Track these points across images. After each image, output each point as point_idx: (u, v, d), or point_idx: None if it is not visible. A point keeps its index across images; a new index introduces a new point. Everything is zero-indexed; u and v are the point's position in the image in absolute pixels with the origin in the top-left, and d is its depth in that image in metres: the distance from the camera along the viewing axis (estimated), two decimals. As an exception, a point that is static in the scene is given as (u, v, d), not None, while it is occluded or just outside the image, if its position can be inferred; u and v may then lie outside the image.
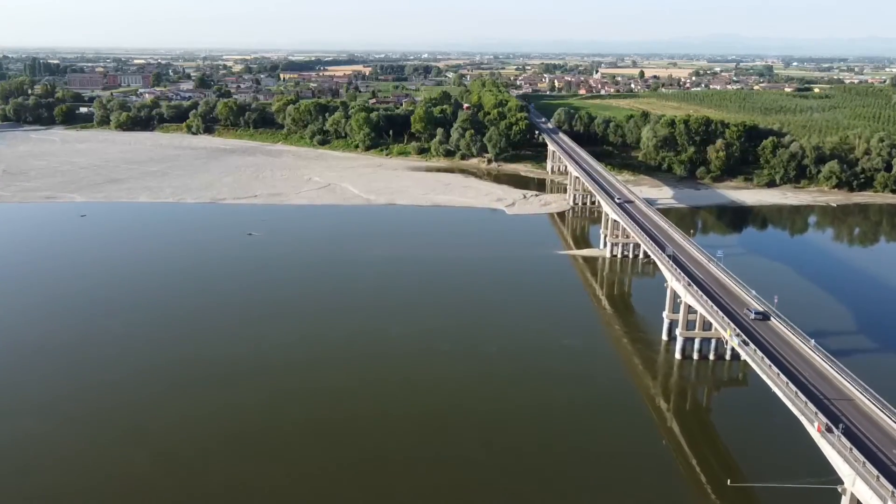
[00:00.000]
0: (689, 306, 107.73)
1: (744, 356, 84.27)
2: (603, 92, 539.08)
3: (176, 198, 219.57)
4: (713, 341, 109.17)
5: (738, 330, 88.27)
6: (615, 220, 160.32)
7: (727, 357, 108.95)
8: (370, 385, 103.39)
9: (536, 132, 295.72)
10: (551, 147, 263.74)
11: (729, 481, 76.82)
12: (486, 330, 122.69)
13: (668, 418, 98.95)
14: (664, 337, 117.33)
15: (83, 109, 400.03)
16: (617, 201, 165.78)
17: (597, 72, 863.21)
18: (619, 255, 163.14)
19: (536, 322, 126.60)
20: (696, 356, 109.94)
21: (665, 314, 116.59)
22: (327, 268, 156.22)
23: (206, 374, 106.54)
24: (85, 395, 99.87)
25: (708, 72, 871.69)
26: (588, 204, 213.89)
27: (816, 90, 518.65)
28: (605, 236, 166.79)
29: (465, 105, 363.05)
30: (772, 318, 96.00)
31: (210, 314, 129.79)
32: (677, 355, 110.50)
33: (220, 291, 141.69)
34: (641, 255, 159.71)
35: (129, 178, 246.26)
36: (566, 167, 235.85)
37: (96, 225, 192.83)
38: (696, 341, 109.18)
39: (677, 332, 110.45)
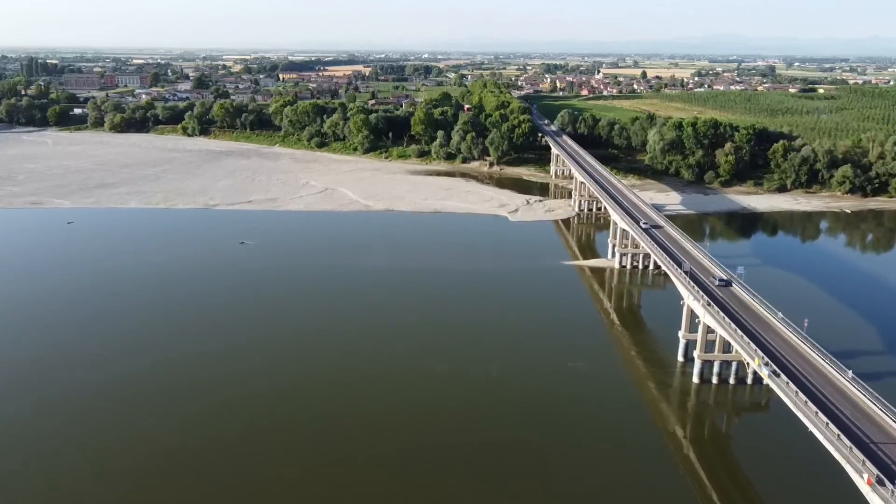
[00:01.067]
0: (708, 327, 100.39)
1: (776, 389, 76.63)
2: (605, 93, 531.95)
3: (167, 203, 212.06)
4: (734, 364, 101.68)
5: (766, 359, 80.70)
6: (624, 230, 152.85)
7: (748, 381, 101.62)
8: (359, 410, 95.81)
9: (539, 134, 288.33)
10: (555, 151, 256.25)
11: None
12: (488, 349, 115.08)
13: (684, 446, 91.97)
14: (680, 358, 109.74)
15: (77, 111, 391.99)
16: (643, 226, 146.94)
17: (598, 72, 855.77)
18: (629, 266, 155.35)
19: (542, 340, 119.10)
20: (715, 380, 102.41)
21: (681, 334, 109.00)
22: (319, 281, 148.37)
23: (184, 391, 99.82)
24: (62, 407, 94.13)
25: (710, 72, 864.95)
26: (594, 210, 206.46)
27: (821, 91, 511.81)
28: (614, 246, 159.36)
29: (467, 106, 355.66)
30: (733, 285, 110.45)
31: (192, 331, 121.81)
32: (695, 379, 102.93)
33: (204, 306, 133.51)
34: (652, 267, 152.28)
35: (120, 183, 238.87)
36: (570, 171, 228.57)
37: (82, 232, 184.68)
38: (716, 364, 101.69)
39: (695, 354, 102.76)
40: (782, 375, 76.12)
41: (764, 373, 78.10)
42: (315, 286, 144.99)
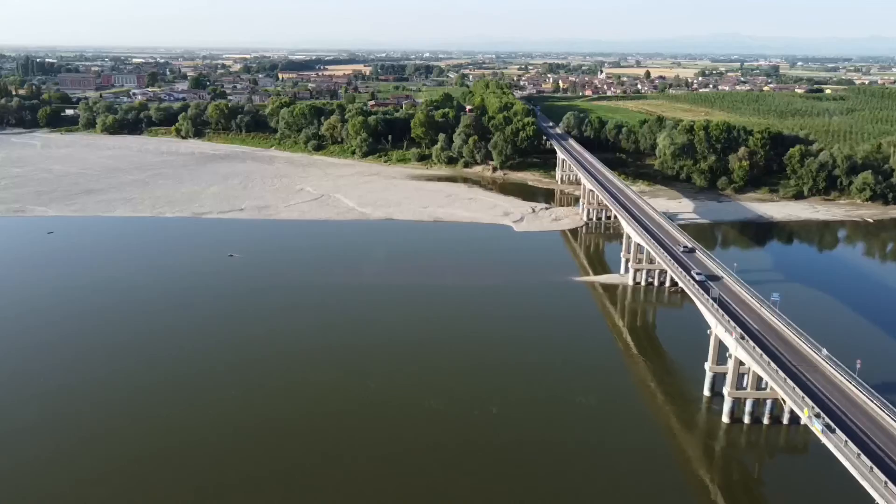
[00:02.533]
0: (740, 360, 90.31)
1: (832, 449, 66.30)
2: (609, 93, 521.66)
3: (155, 211, 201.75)
4: (769, 402, 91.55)
5: (817, 409, 70.53)
6: (638, 244, 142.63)
7: (784, 421, 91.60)
8: (337, 460, 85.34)
9: (544, 137, 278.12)
10: (561, 155, 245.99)
11: None
12: (487, 382, 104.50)
13: (712, 491, 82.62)
14: (706, 392, 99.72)
15: (70, 111, 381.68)
16: (696, 276, 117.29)
17: (601, 72, 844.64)
18: (643, 283, 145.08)
19: (549, 371, 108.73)
20: (747, 419, 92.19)
21: (707, 366, 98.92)
22: (308, 300, 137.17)
23: (155, 430, 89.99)
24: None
25: (714, 72, 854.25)
26: (603, 219, 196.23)
27: (828, 91, 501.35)
28: (627, 260, 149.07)
29: (468, 108, 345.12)
30: (696, 251, 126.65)
31: (165, 358, 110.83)
32: (725, 418, 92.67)
33: (181, 329, 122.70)
34: (668, 283, 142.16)
35: (108, 188, 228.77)
36: (577, 177, 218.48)
37: (62, 243, 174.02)
38: (749, 402, 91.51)
39: (725, 391, 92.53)
40: (838, 431, 65.99)
41: (816, 427, 67.85)
42: (304, 306, 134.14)
